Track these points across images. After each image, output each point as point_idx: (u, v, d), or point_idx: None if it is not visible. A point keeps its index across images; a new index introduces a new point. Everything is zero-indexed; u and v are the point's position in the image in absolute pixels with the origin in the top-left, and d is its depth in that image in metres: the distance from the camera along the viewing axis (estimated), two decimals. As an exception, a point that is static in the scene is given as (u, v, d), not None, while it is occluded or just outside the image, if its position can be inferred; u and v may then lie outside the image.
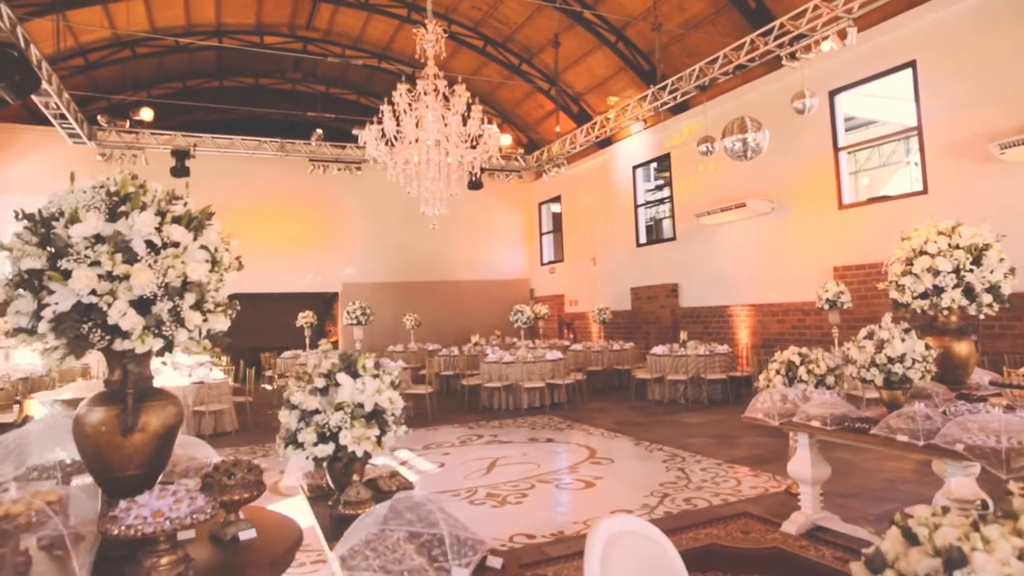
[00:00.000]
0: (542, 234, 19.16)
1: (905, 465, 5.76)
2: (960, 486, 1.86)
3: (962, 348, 4.14)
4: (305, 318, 13.77)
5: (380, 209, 16.19)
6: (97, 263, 1.90)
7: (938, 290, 4.03)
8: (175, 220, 2.08)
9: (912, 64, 8.90)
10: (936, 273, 4.02)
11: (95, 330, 1.92)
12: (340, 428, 2.30)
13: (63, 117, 10.93)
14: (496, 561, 1.96)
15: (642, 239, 14.84)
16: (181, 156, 12.82)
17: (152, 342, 1.97)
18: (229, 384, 9.97)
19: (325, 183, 15.40)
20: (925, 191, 8.79)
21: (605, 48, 13.17)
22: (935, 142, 8.66)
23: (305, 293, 16.39)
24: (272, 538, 2.26)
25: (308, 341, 13.67)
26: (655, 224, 15.84)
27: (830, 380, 4.72)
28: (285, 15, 14.04)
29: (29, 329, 1.95)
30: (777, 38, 8.44)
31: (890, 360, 3.69)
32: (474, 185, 14.76)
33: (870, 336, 3.85)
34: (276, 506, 4.52)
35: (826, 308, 8.42)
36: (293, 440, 2.39)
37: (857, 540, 3.92)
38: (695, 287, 12.95)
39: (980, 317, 4.15)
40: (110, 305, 1.91)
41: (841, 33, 7.49)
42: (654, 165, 14.95)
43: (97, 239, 1.94)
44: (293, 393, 2.38)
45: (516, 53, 14.73)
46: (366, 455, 2.38)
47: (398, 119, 6.79)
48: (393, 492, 2.46)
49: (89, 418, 2.09)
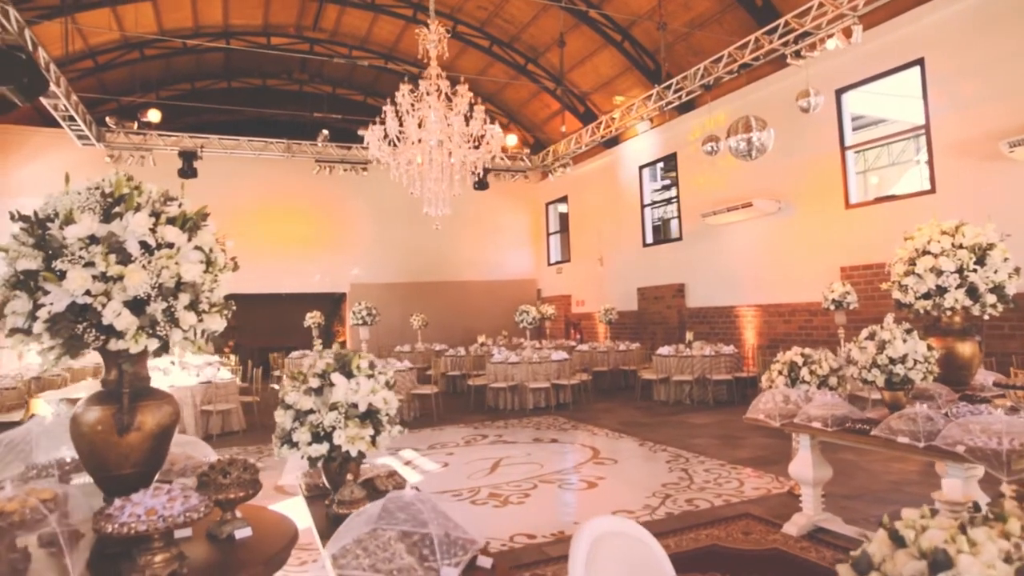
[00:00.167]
0: (549, 234, 19.15)
1: (909, 467, 5.71)
2: (951, 488, 1.85)
3: (966, 349, 4.10)
4: (313, 318, 13.81)
5: (387, 209, 16.23)
6: (91, 264, 1.92)
7: (941, 290, 3.99)
8: (170, 221, 2.10)
9: (920, 62, 8.82)
10: (939, 273, 3.98)
11: (90, 330, 1.94)
12: (334, 428, 2.31)
13: (72, 119, 11.04)
14: (486, 561, 1.96)
15: (648, 239, 14.81)
16: (188, 157, 12.91)
17: (146, 342, 1.98)
18: (237, 384, 10.04)
19: (332, 184, 15.47)
20: (933, 190, 8.71)
21: (611, 47, 13.15)
22: (943, 140, 8.58)
23: (313, 293, 16.47)
24: (268, 537, 2.27)
25: (316, 342, 13.73)
26: (663, 224, 15.81)
27: (833, 381, 4.69)
28: (292, 16, 14.11)
29: (25, 329, 1.97)
30: (782, 36, 8.40)
31: (891, 361, 3.66)
32: (480, 185, 14.80)
33: (872, 337, 3.83)
34: (277, 505, 4.55)
35: (832, 309, 8.37)
36: (288, 439, 2.40)
37: (858, 542, 3.87)
38: (702, 287, 12.90)
39: (984, 317, 4.11)
40: (104, 305, 1.92)
41: (846, 31, 7.44)
42: (661, 165, 14.91)
43: (91, 240, 1.96)
44: (288, 393, 2.39)
45: (522, 53, 14.74)
46: (360, 455, 2.39)
47: (401, 120, 6.81)
48: (389, 492, 2.47)
49: (86, 417, 2.12)
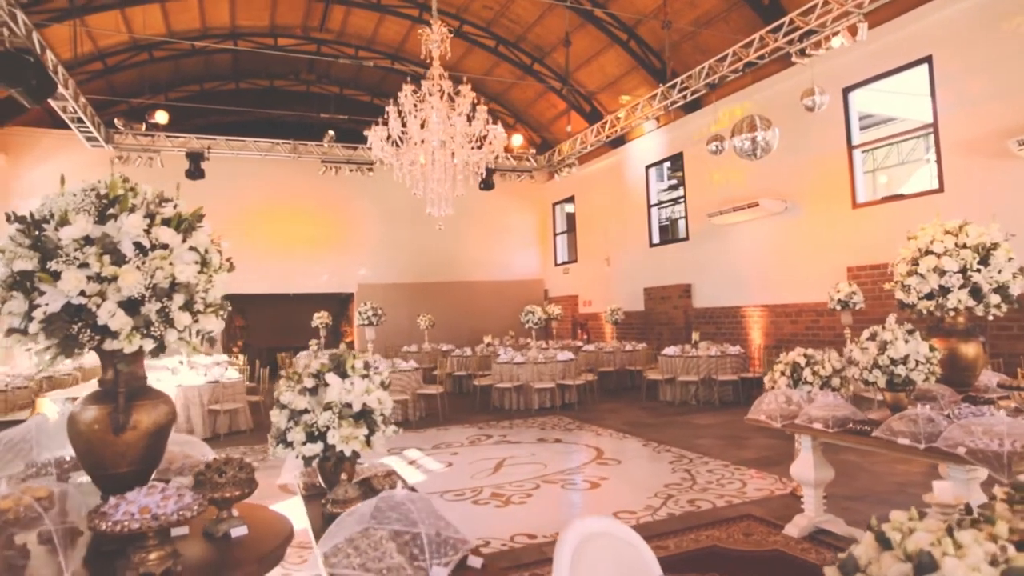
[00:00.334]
0: (556, 234, 19.13)
1: (913, 468, 5.66)
2: (942, 490, 1.84)
3: (969, 350, 4.06)
4: (320, 318, 13.87)
5: (394, 210, 16.28)
6: (86, 265, 1.94)
7: (944, 291, 3.96)
8: (165, 222, 2.12)
9: (928, 59, 8.75)
10: (942, 273, 3.95)
11: (84, 330, 1.96)
12: (328, 428, 2.32)
13: (80, 121, 11.15)
14: (476, 561, 1.97)
15: (655, 239, 14.76)
16: (195, 158, 12.99)
17: (140, 342, 2.00)
18: (244, 383, 10.11)
19: (339, 184, 15.54)
20: (941, 189, 8.64)
21: (617, 47, 13.12)
22: (951, 139, 8.50)
23: (321, 294, 16.53)
24: (263, 535, 2.29)
25: (323, 341, 13.79)
26: (671, 224, 15.75)
27: (835, 382, 4.66)
28: (298, 17, 14.18)
29: (22, 329, 1.99)
30: (787, 34, 8.35)
31: (893, 362, 3.64)
32: (486, 186, 14.78)
33: (873, 337, 3.80)
34: (280, 504, 4.58)
35: (838, 309, 8.31)
36: (283, 439, 2.42)
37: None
38: (708, 287, 12.85)
39: (988, 318, 4.07)
40: (99, 306, 1.94)
41: (852, 29, 7.38)
42: (667, 165, 14.86)
43: (86, 241, 1.98)
44: (282, 393, 2.41)
45: (528, 53, 14.74)
46: (355, 454, 2.40)
47: (404, 120, 6.83)
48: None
49: (83, 416, 2.14)
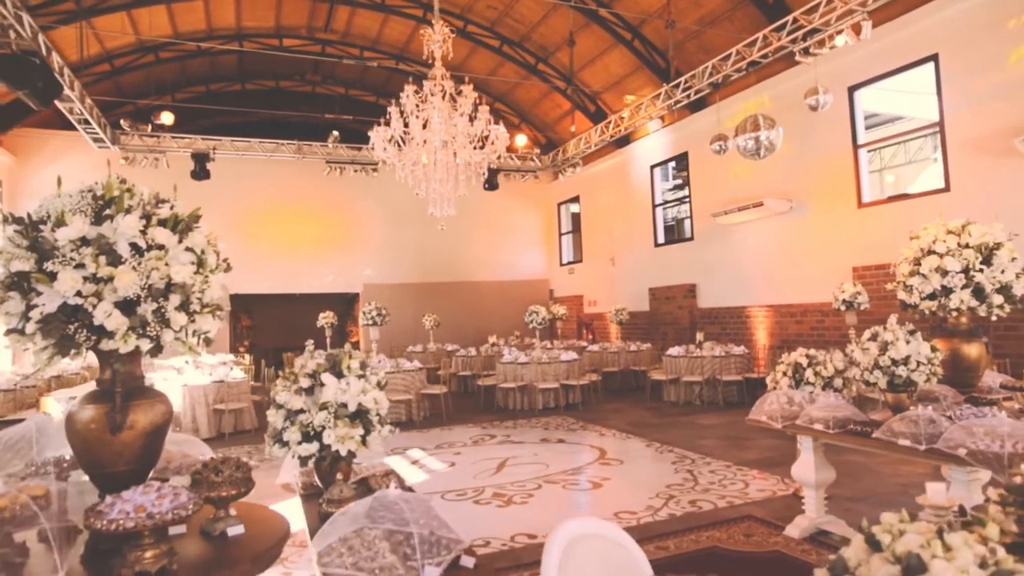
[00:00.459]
0: (561, 234, 19.12)
1: (917, 469, 5.62)
2: (935, 492, 1.83)
3: (972, 350, 4.03)
4: (325, 318, 13.91)
5: (399, 210, 16.31)
6: (82, 265, 1.95)
7: (946, 291, 3.93)
8: (161, 223, 2.13)
9: (934, 57, 8.69)
10: (944, 273, 3.92)
11: (81, 330, 1.98)
12: (324, 427, 2.33)
13: (87, 122, 11.23)
14: (469, 560, 1.97)
15: (660, 239, 14.73)
16: (201, 159, 13.06)
17: (136, 342, 2.02)
18: (249, 383, 10.16)
19: (344, 185, 15.59)
20: (947, 188, 8.58)
21: (621, 46, 13.10)
22: (957, 137, 8.44)
23: (327, 294, 16.59)
24: (260, 534, 2.30)
25: (329, 342, 13.82)
26: (676, 224, 15.71)
27: (838, 382, 4.64)
28: (303, 17, 14.23)
29: (19, 330, 2.01)
30: (790, 33, 8.31)
31: (894, 363, 3.62)
32: (491, 186, 14.82)
33: (874, 338, 3.79)
34: (281, 503, 4.59)
35: (843, 309, 8.27)
36: (279, 439, 2.43)
37: (861, 545, 3.84)
38: (713, 287, 12.81)
39: (992, 318, 4.04)
40: (95, 306, 1.96)
41: (855, 27, 7.34)
42: (672, 164, 14.83)
43: (83, 242, 1.99)
44: (279, 392, 2.42)
45: (532, 52, 14.73)
46: (351, 454, 2.41)
47: (406, 121, 6.84)
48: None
49: (80, 416, 2.16)
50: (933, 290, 3.99)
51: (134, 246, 2.04)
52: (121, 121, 12.58)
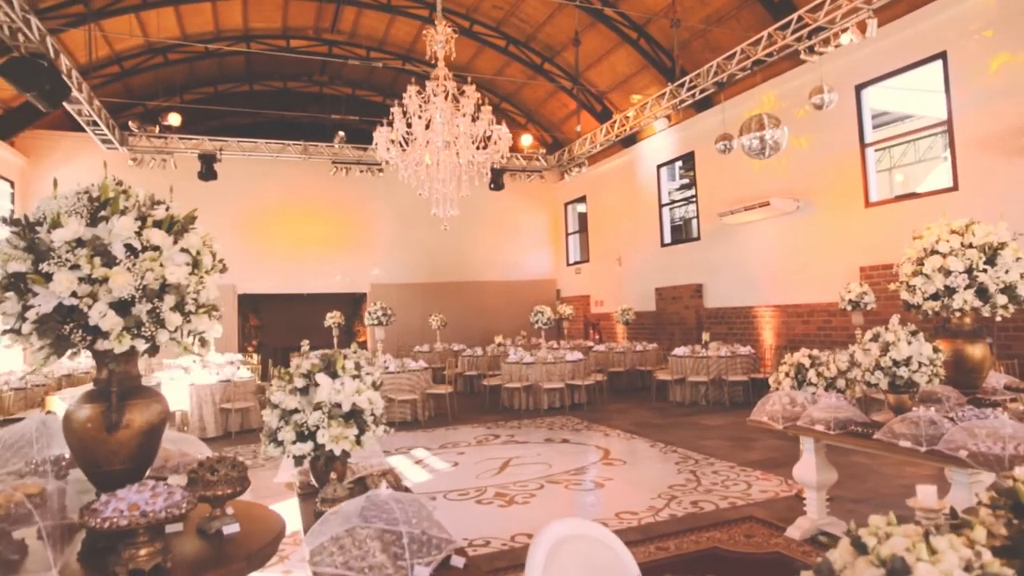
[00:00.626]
0: (568, 234, 19.10)
1: (922, 471, 5.58)
2: (925, 494, 1.81)
3: (976, 351, 3.99)
4: (333, 318, 13.98)
5: (405, 210, 16.35)
6: (77, 266, 1.97)
7: (949, 291, 3.90)
8: (156, 224, 2.15)
9: (943, 55, 8.61)
10: (947, 273, 3.89)
11: (76, 331, 2.00)
12: (318, 427, 2.34)
13: (95, 124, 11.33)
14: (459, 560, 1.98)
15: (667, 239, 14.69)
16: (208, 160, 13.15)
17: (131, 342, 2.04)
18: (256, 382, 10.23)
19: (351, 185, 15.65)
20: (956, 187, 8.50)
21: (627, 46, 13.07)
22: (966, 136, 8.37)
23: (334, 294, 16.65)
24: (255, 532, 2.32)
25: (336, 341, 13.89)
26: (684, 224, 15.65)
27: (840, 383, 4.61)
28: (310, 18, 14.28)
29: (16, 330, 2.04)
30: (795, 31, 8.25)
31: (895, 363, 3.60)
32: (496, 186, 14.82)
33: (876, 338, 3.76)
34: (282, 503, 4.62)
35: (849, 309, 8.22)
36: (274, 438, 2.45)
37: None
38: (720, 287, 12.76)
39: (996, 319, 4.00)
40: (90, 307, 1.98)
41: (861, 25, 7.28)
42: (679, 164, 14.78)
43: (78, 243, 2.01)
44: (273, 392, 2.44)
45: (538, 52, 14.73)
46: (345, 454, 2.42)
47: (409, 122, 6.86)
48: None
49: (77, 415, 2.18)
50: (936, 290, 3.95)
51: (129, 247, 2.06)
52: (129, 122, 12.69)
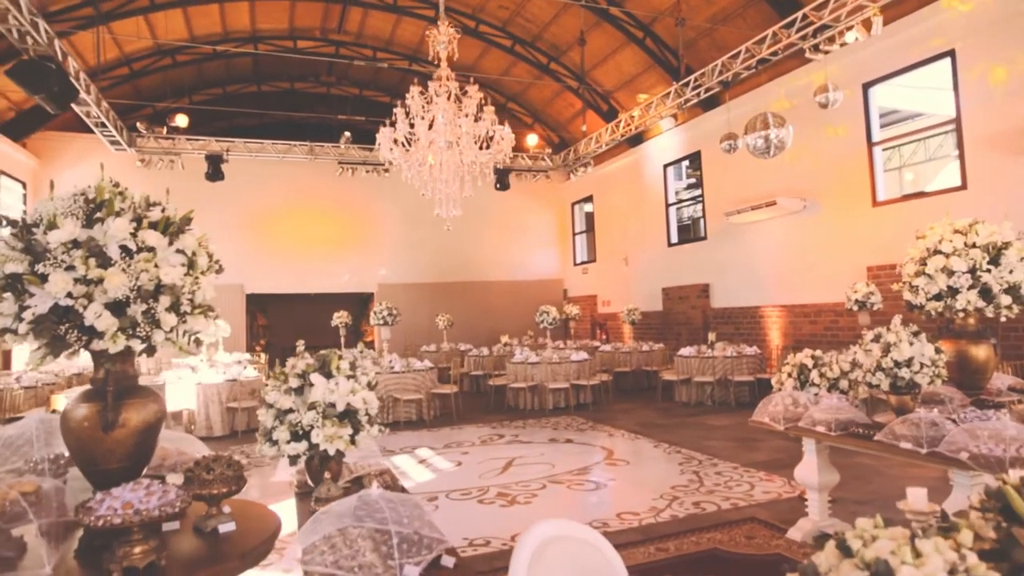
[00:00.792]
0: (575, 234, 19.08)
1: (928, 472, 5.52)
2: (916, 497, 1.80)
3: (979, 352, 3.96)
4: (340, 318, 14.03)
5: (412, 210, 16.38)
6: (72, 267, 2.00)
7: (952, 291, 3.87)
8: (152, 226, 2.17)
9: (951, 53, 8.53)
10: (950, 273, 3.85)
11: (72, 331, 2.02)
12: (312, 427, 2.35)
13: (103, 125, 11.44)
14: (449, 560, 1.99)
15: (674, 239, 14.64)
16: (215, 160, 13.24)
17: (126, 342, 2.06)
18: (262, 382, 10.28)
19: (358, 185, 15.71)
20: (964, 186, 8.42)
21: (633, 45, 13.04)
22: (975, 134, 8.29)
23: (342, 293, 16.72)
24: (250, 531, 2.34)
25: (343, 341, 13.94)
26: (692, 223, 15.59)
27: (843, 384, 4.58)
28: (317, 19, 14.35)
29: (12, 330, 2.06)
30: (800, 30, 8.20)
31: (896, 364, 3.57)
32: (502, 186, 14.83)
33: (877, 339, 3.73)
34: (283, 502, 4.65)
35: (856, 309, 8.16)
36: (269, 437, 2.46)
37: (864, 549, 3.79)
38: (726, 287, 12.71)
39: (1000, 319, 3.96)
40: (86, 307, 2.00)
41: (866, 23, 7.23)
42: (686, 163, 14.73)
43: (74, 244, 2.04)
44: (268, 392, 2.45)
45: (544, 52, 14.72)
46: (339, 453, 2.43)
47: (412, 122, 6.87)
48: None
49: (74, 414, 2.20)
50: (939, 291, 3.92)
51: (124, 248, 2.08)
52: (137, 124, 12.80)
